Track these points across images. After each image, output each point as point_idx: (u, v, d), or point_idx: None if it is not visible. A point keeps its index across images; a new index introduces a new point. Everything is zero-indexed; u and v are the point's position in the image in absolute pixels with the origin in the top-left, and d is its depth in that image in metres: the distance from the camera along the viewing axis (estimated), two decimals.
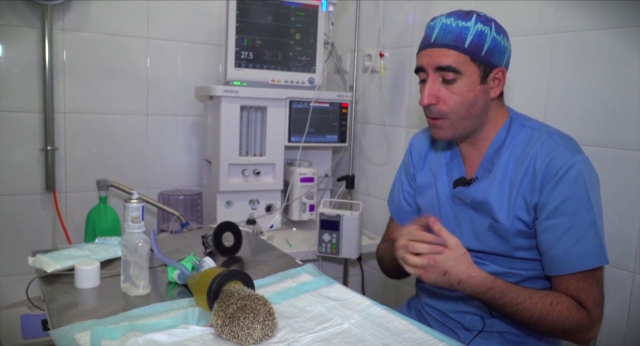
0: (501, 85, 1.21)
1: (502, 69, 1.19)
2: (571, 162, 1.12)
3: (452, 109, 1.18)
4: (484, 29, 1.15)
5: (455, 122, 1.20)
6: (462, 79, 1.16)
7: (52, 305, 1.12)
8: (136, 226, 1.19)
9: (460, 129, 1.21)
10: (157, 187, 2.43)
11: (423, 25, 2.13)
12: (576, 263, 1.11)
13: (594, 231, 1.11)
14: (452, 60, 1.15)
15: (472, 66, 1.16)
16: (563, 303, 1.11)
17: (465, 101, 1.17)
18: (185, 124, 2.51)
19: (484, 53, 1.15)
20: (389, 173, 2.32)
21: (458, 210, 1.28)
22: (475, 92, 1.17)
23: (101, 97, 2.30)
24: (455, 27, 1.16)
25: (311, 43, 2.30)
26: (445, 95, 1.18)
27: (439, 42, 1.17)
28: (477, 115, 1.20)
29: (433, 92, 1.18)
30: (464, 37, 1.15)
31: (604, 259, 1.12)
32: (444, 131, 1.22)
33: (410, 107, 2.22)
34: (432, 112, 1.21)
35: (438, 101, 1.18)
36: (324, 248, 1.99)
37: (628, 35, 1.46)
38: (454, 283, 1.10)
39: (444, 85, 1.18)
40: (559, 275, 1.14)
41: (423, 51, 1.21)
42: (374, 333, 1.03)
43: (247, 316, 0.99)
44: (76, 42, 2.22)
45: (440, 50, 1.16)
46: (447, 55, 1.16)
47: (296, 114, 2.27)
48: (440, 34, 1.17)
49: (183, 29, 2.43)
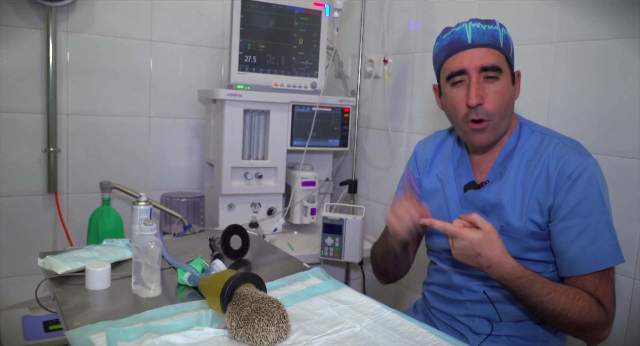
0: (519, 88, 1.26)
1: (518, 72, 1.26)
2: (584, 165, 1.15)
3: (496, 109, 1.20)
4: (507, 33, 1.22)
5: (496, 123, 1.22)
6: (501, 78, 1.20)
7: (64, 306, 1.13)
8: (148, 229, 1.20)
9: (498, 131, 1.24)
10: (159, 189, 2.43)
11: (425, 32, 2.18)
12: (593, 262, 1.14)
13: (608, 231, 1.15)
14: (495, 58, 1.19)
15: (507, 66, 1.21)
16: (584, 298, 1.14)
17: (505, 100, 1.20)
18: (187, 126, 2.51)
19: (511, 55, 1.22)
20: (390, 177, 2.34)
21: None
22: (510, 91, 1.22)
23: (104, 99, 2.30)
24: (487, 29, 1.20)
25: (314, 48, 2.32)
26: (489, 94, 1.19)
27: (477, 42, 1.19)
28: (509, 116, 1.24)
29: (480, 93, 1.19)
30: (498, 38, 1.20)
31: (619, 258, 1.15)
32: (487, 134, 1.23)
33: (412, 112, 2.24)
34: (479, 113, 1.20)
35: (483, 101, 1.19)
36: (326, 252, 2.01)
37: (630, 45, 1.49)
38: (485, 265, 1.12)
39: (487, 84, 1.20)
40: (575, 276, 1.16)
41: (460, 54, 1.21)
42: (386, 336, 1.05)
43: (262, 318, 1.00)
44: (80, 44, 2.22)
45: (482, 50, 1.19)
46: (490, 54, 1.19)
47: (299, 118, 2.29)
48: (476, 35, 1.19)
49: (186, 31, 2.44)
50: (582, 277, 1.16)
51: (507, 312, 1.25)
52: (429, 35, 2.16)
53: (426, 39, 2.18)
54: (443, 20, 2.10)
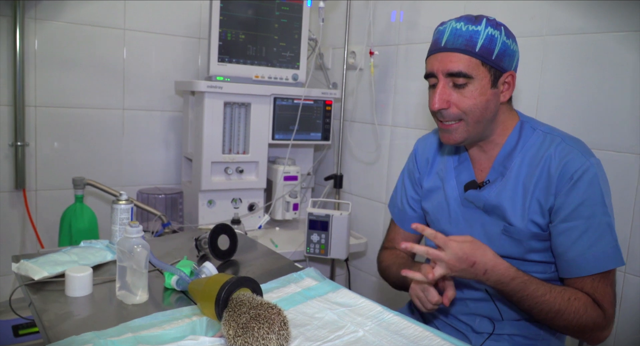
0: (511, 89, 1.20)
1: (511, 73, 1.19)
2: (586, 166, 1.12)
3: (465, 111, 1.17)
4: (494, 33, 1.15)
5: (470, 125, 1.18)
6: (473, 83, 1.15)
7: (45, 315, 1.05)
8: (134, 231, 1.13)
9: (472, 133, 1.20)
10: (133, 185, 2.33)
11: (409, 24, 2.14)
12: (593, 265, 1.12)
13: (609, 233, 1.12)
14: (463, 65, 1.14)
15: (483, 70, 1.15)
16: (580, 299, 1.12)
17: (478, 104, 1.16)
18: (163, 119, 2.41)
19: (495, 57, 1.15)
20: (376, 172, 2.30)
21: (468, 213, 1.27)
22: (487, 96, 1.17)
23: (75, 90, 2.18)
24: (466, 31, 1.15)
25: (295, 39, 2.25)
26: (457, 99, 1.17)
27: (449, 46, 1.16)
28: (489, 119, 1.20)
29: (444, 97, 1.17)
30: (475, 41, 1.14)
31: (619, 260, 1.13)
32: (456, 135, 1.20)
33: (396, 106, 2.20)
34: (444, 117, 1.19)
35: (449, 105, 1.17)
36: (312, 249, 1.95)
37: (621, 39, 1.48)
38: (480, 273, 1.09)
39: (455, 89, 1.17)
40: (575, 277, 1.14)
41: (433, 56, 1.19)
42: (391, 340, 1.01)
43: (262, 326, 0.94)
44: (49, 32, 2.10)
45: (452, 54, 1.15)
46: (458, 60, 1.14)
47: (280, 111, 2.22)
48: (450, 38, 1.16)
49: (161, 20, 2.34)
50: (581, 279, 1.14)
51: (508, 311, 1.23)
52: (414, 27, 2.12)
53: (410, 31, 2.13)
54: (428, 11, 2.06)
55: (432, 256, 1.08)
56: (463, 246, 1.07)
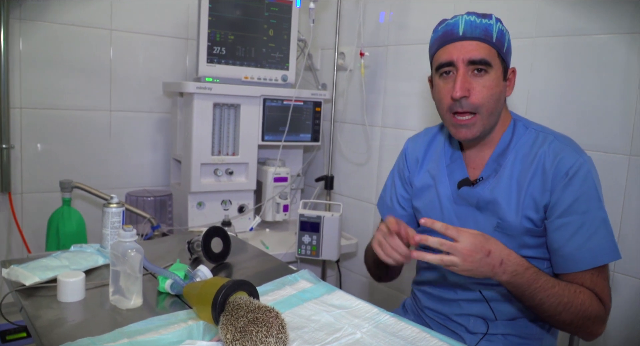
0: (512, 85, 1.24)
1: (514, 69, 1.24)
2: (579, 163, 1.14)
3: (482, 102, 1.17)
4: (503, 29, 1.20)
5: (484, 117, 1.19)
6: (491, 73, 1.17)
7: (37, 322, 1.03)
8: (128, 235, 1.11)
9: (486, 126, 1.21)
10: (121, 187, 2.30)
11: (399, 25, 2.14)
12: (590, 259, 1.13)
13: (605, 228, 1.14)
14: (485, 52, 1.17)
15: (498, 61, 1.19)
16: (584, 292, 1.13)
17: (494, 94, 1.18)
18: (151, 120, 2.39)
19: (505, 50, 1.19)
20: (366, 173, 2.30)
21: (461, 211, 1.28)
22: (500, 87, 1.20)
23: (60, 91, 2.15)
24: (480, 23, 1.18)
25: (285, 40, 2.24)
26: (476, 88, 1.17)
27: (468, 35, 1.17)
28: (498, 112, 1.22)
29: (465, 85, 1.17)
30: (491, 32, 1.17)
31: (616, 254, 1.15)
32: (474, 129, 1.20)
33: (386, 107, 2.21)
34: (464, 106, 1.18)
35: (470, 94, 1.17)
36: (303, 250, 1.95)
37: (610, 41, 1.50)
38: (497, 263, 1.07)
39: (474, 78, 1.18)
40: (572, 272, 1.15)
41: (450, 45, 1.19)
42: (389, 342, 1.01)
43: (260, 329, 0.94)
44: (34, 32, 2.06)
45: (472, 43, 1.17)
46: (480, 47, 1.17)
47: (270, 112, 2.21)
48: (468, 28, 1.17)
49: (148, 20, 2.31)
50: (580, 274, 1.15)
51: (502, 311, 1.24)
52: (403, 28, 2.13)
53: (400, 32, 2.14)
54: (417, 12, 2.06)
55: (447, 248, 1.05)
56: (476, 235, 1.06)
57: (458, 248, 1.05)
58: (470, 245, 1.04)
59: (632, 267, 1.48)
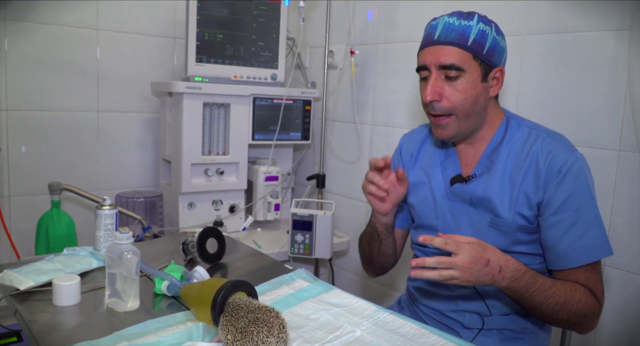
0: (500, 84, 1.23)
1: (501, 69, 1.22)
2: (572, 160, 1.16)
3: (455, 105, 1.19)
4: (486, 29, 1.18)
5: (460, 119, 1.20)
6: (464, 77, 1.17)
7: (34, 326, 1.02)
8: (124, 237, 1.11)
9: (463, 127, 1.22)
10: (110, 188, 2.28)
11: (388, 24, 2.15)
12: (583, 255, 1.15)
13: (597, 224, 1.16)
14: (456, 58, 1.16)
15: (474, 63, 1.18)
16: (579, 289, 1.14)
17: (468, 97, 1.18)
18: (139, 121, 2.37)
19: (485, 52, 1.18)
20: (358, 171, 2.30)
21: (454, 207, 1.29)
22: (477, 89, 1.19)
23: (47, 92, 2.13)
24: (459, 25, 1.17)
25: (273, 38, 2.24)
26: (448, 92, 1.18)
27: (442, 39, 1.18)
28: (478, 113, 1.22)
29: (436, 89, 1.19)
30: (467, 35, 1.16)
31: (608, 250, 1.16)
32: (448, 130, 1.22)
33: (376, 105, 2.21)
34: (436, 109, 1.21)
35: (441, 98, 1.19)
36: (296, 249, 1.95)
37: (599, 38, 1.51)
38: (496, 271, 1.07)
39: (447, 82, 1.18)
40: (566, 269, 1.17)
41: (426, 49, 1.21)
42: (389, 339, 1.01)
43: (261, 329, 0.93)
44: (19, 33, 2.03)
45: (444, 47, 1.17)
46: (450, 52, 1.16)
47: (259, 111, 2.21)
48: (443, 32, 1.18)
49: (135, 20, 2.29)
50: (574, 270, 1.16)
51: (496, 306, 1.25)
52: (392, 26, 2.13)
53: (389, 31, 2.14)
54: (406, 11, 2.07)
55: (446, 265, 1.04)
56: (474, 246, 1.06)
57: (457, 262, 1.03)
58: (469, 258, 1.04)
59: (623, 261, 1.50)
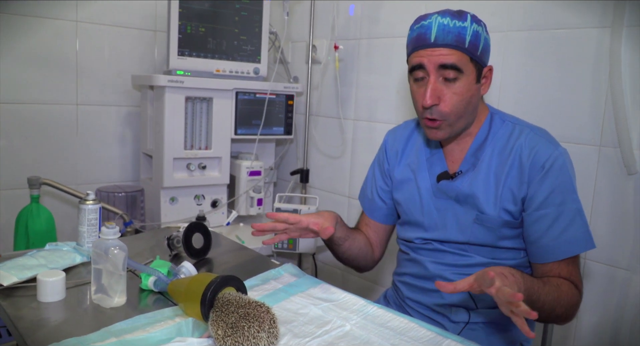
0: (489, 82, 1.24)
1: (490, 67, 1.23)
2: (555, 155, 1.18)
3: (451, 110, 1.19)
4: (478, 29, 1.18)
5: (453, 122, 1.21)
6: (461, 79, 1.17)
7: (20, 323, 1.00)
8: (111, 232, 1.09)
9: (455, 129, 1.23)
10: (89, 182, 2.24)
11: (370, 19, 2.15)
12: (566, 249, 1.17)
13: (580, 219, 1.18)
14: (456, 59, 1.16)
15: (471, 65, 1.18)
16: (564, 283, 1.17)
17: (464, 100, 1.19)
18: (119, 114, 2.33)
19: (479, 53, 1.18)
20: (341, 166, 2.31)
21: (440, 204, 1.30)
22: (472, 91, 1.20)
23: (25, 85, 2.08)
24: (454, 27, 1.16)
25: (256, 32, 2.22)
26: (446, 95, 1.18)
27: (440, 42, 1.16)
28: (470, 113, 1.23)
29: (436, 93, 1.18)
30: (464, 37, 1.16)
31: (591, 243, 1.19)
32: (442, 131, 1.23)
33: (358, 100, 2.22)
34: (433, 113, 1.20)
35: (440, 101, 1.18)
36: (280, 244, 1.95)
37: (581, 35, 1.54)
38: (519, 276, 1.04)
39: (445, 84, 1.18)
40: (549, 262, 1.19)
41: (422, 51, 1.18)
42: (379, 333, 1.02)
43: (252, 324, 0.93)
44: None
45: (443, 49, 1.16)
46: (450, 54, 1.16)
47: (243, 106, 2.20)
48: (440, 33, 1.16)
49: (115, 12, 2.25)
50: (557, 263, 1.19)
51: (482, 299, 1.26)
52: (375, 22, 2.14)
53: (372, 26, 2.15)
54: (389, 6, 2.08)
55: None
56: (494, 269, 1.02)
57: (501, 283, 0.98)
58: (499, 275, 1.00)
59: (603, 255, 1.54)
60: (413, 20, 1.26)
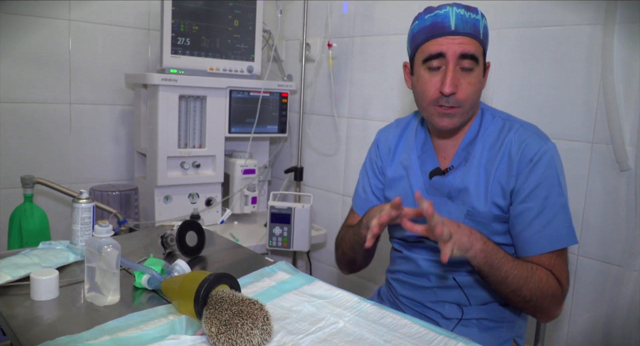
0: (486, 77, 1.26)
1: (489, 63, 1.26)
2: (544, 149, 1.19)
3: (467, 98, 1.20)
4: (487, 24, 1.21)
5: (466, 111, 1.22)
6: (476, 70, 1.19)
7: (13, 321, 1.00)
8: (104, 230, 1.09)
9: (465, 118, 1.24)
10: (83, 182, 2.24)
11: (364, 17, 2.16)
12: (548, 243, 1.18)
13: (564, 213, 1.19)
14: (475, 49, 1.18)
15: (482, 58, 1.21)
16: (541, 269, 1.17)
17: (477, 91, 1.21)
18: (113, 113, 2.33)
19: (487, 46, 1.22)
20: (335, 164, 2.31)
21: (433, 201, 1.29)
22: (482, 83, 1.23)
23: (18, 84, 2.07)
24: (469, 18, 1.17)
25: (250, 30, 2.22)
26: (463, 84, 1.19)
27: (461, 30, 1.17)
28: (477, 105, 1.26)
29: (455, 81, 1.18)
30: (479, 29, 1.18)
31: (573, 239, 1.20)
32: (455, 119, 1.23)
33: (352, 98, 2.22)
34: (449, 101, 1.19)
35: (457, 90, 1.19)
36: (274, 242, 1.95)
37: (574, 32, 1.55)
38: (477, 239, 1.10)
39: (462, 73, 1.19)
40: (532, 256, 1.20)
41: (442, 38, 1.18)
42: (372, 330, 1.02)
43: (245, 321, 0.94)
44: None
45: (464, 38, 1.17)
46: (471, 43, 1.17)
47: (236, 104, 2.19)
48: (459, 22, 1.17)
49: (108, 11, 2.25)
50: (539, 257, 1.19)
51: (475, 296, 1.27)
52: (369, 20, 2.14)
53: (365, 24, 2.15)
54: (383, 4, 2.08)
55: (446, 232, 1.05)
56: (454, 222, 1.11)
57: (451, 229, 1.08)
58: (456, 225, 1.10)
59: (595, 251, 1.55)
60: (413, 17, 1.26)
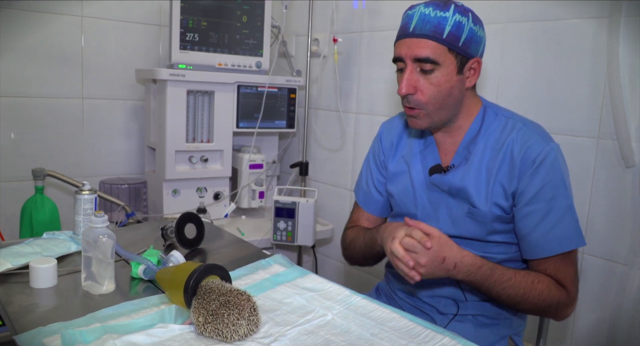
0: (476, 75, 1.23)
1: (477, 60, 1.21)
2: (547, 150, 1.16)
3: (428, 100, 1.19)
4: (462, 20, 1.16)
5: (432, 112, 1.21)
6: (439, 70, 1.17)
7: (9, 307, 1.03)
8: (99, 221, 1.11)
9: (435, 119, 1.23)
10: (95, 175, 2.29)
11: (372, 12, 2.15)
12: (555, 245, 1.16)
13: (570, 215, 1.17)
14: (430, 51, 1.15)
15: (450, 56, 1.17)
16: (543, 281, 1.16)
17: (442, 91, 1.18)
18: (124, 108, 2.37)
19: (461, 44, 1.16)
20: (340, 158, 2.32)
21: (433, 196, 1.30)
22: (452, 82, 1.19)
23: (32, 79, 2.12)
24: (434, 17, 1.15)
25: (258, 26, 2.24)
26: (423, 85, 1.18)
27: (417, 32, 1.16)
28: (452, 105, 1.22)
29: (411, 83, 1.18)
30: (443, 27, 1.15)
31: (581, 241, 1.18)
32: (420, 121, 1.23)
33: (360, 93, 2.22)
34: (410, 102, 1.21)
35: (416, 91, 1.19)
36: (279, 236, 1.97)
37: (580, 26, 1.53)
38: (451, 267, 1.12)
39: (422, 75, 1.18)
40: (539, 259, 1.19)
41: (401, 41, 1.20)
42: (359, 323, 1.03)
43: (232, 312, 0.95)
44: (3, 20, 2.02)
45: (419, 40, 1.16)
46: (425, 46, 1.15)
47: (244, 99, 2.21)
48: (418, 24, 1.16)
49: (120, 7, 2.28)
50: (544, 260, 1.18)
51: (471, 292, 1.26)
52: (376, 14, 2.14)
53: (373, 19, 2.15)
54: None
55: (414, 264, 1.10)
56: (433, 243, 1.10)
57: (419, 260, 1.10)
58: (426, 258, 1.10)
59: (600, 249, 1.53)
60: None
